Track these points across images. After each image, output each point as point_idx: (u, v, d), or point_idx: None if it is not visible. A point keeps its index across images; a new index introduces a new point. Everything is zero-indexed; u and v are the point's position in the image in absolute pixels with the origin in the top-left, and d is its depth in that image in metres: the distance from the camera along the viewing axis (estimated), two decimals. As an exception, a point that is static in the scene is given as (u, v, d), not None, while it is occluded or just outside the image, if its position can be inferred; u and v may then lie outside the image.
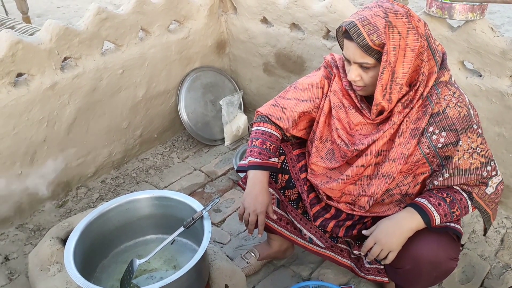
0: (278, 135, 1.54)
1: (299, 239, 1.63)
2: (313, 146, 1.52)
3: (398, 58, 1.22)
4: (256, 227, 1.47)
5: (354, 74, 1.30)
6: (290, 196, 1.58)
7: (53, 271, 1.56)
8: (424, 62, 1.26)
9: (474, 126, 1.30)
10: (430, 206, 1.32)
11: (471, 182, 1.33)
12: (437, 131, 1.30)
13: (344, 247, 1.59)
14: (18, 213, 2.14)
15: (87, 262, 1.45)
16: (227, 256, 1.85)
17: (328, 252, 1.61)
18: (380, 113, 1.36)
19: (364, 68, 1.28)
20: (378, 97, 1.28)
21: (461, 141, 1.29)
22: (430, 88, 1.29)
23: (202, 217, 1.45)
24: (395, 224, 1.33)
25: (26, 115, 2.00)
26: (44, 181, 2.19)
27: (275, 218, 1.45)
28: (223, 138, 2.73)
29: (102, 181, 2.43)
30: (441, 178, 1.34)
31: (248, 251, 1.86)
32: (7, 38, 1.84)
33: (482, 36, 1.84)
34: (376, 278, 1.55)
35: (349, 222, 1.52)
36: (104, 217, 1.52)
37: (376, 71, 1.27)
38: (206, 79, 2.72)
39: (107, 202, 1.56)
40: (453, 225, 1.36)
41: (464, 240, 1.98)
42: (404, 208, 1.39)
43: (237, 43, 2.75)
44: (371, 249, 1.35)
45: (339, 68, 1.44)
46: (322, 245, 1.58)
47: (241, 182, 1.70)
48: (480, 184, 1.34)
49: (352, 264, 1.59)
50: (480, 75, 1.94)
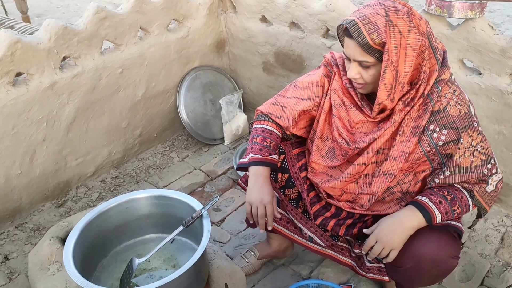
0: (279, 133, 1.54)
1: (300, 238, 1.63)
2: (313, 144, 1.51)
3: (400, 57, 1.22)
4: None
5: (354, 72, 1.30)
6: (290, 195, 1.57)
7: (52, 271, 1.56)
8: (425, 61, 1.26)
9: (475, 124, 1.30)
10: (431, 204, 1.32)
11: (472, 180, 1.33)
12: (437, 129, 1.30)
13: (344, 246, 1.59)
14: (18, 212, 2.14)
15: (87, 262, 1.45)
16: (227, 255, 1.85)
17: (328, 250, 1.60)
18: (381, 111, 1.35)
19: (364, 66, 1.28)
20: (382, 96, 1.27)
21: (462, 139, 1.29)
22: (431, 86, 1.29)
23: (202, 216, 1.45)
24: (397, 222, 1.33)
25: (25, 115, 1.99)
26: (44, 180, 2.19)
27: (279, 217, 1.45)
28: (223, 137, 2.73)
29: (102, 180, 2.43)
30: (442, 176, 1.34)
31: (248, 250, 1.86)
32: (6, 37, 1.84)
33: (482, 34, 1.83)
34: (376, 276, 1.55)
35: (349, 221, 1.51)
36: (103, 216, 1.52)
37: (376, 70, 1.27)
38: (205, 79, 2.71)
39: (107, 201, 1.55)
40: (454, 223, 1.36)
41: (464, 238, 1.98)
42: (405, 206, 1.38)
43: (236, 42, 2.74)
44: (373, 247, 1.35)
45: (339, 66, 1.44)
46: (323, 244, 1.58)
47: (240, 182, 1.70)
48: (480, 182, 1.34)
49: (352, 262, 1.59)
50: (479, 73, 1.94)
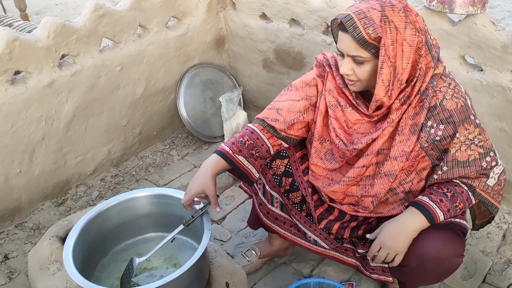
0: (261, 134, 1.47)
1: (303, 241, 1.62)
2: (312, 147, 1.49)
3: (397, 53, 1.21)
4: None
5: (346, 67, 1.28)
6: (294, 199, 1.55)
7: (52, 270, 1.55)
8: (421, 58, 1.24)
9: (472, 117, 1.29)
10: (432, 203, 1.31)
11: (471, 174, 1.32)
12: (435, 125, 1.29)
13: (348, 247, 1.58)
14: (18, 211, 2.14)
15: (87, 261, 1.44)
16: (228, 253, 1.84)
17: (332, 252, 1.59)
18: (377, 108, 1.34)
19: (357, 62, 1.26)
20: (380, 93, 1.26)
21: (458, 133, 1.28)
22: (427, 83, 1.28)
23: (202, 214, 1.44)
24: (399, 226, 1.32)
25: (24, 113, 1.98)
26: (43, 179, 2.18)
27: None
28: (223, 135, 2.71)
29: (102, 179, 2.42)
30: (440, 172, 1.33)
31: (249, 249, 1.85)
32: (4, 35, 1.82)
33: (483, 30, 1.82)
34: (380, 277, 1.54)
35: (353, 223, 1.50)
36: (103, 215, 1.51)
37: (370, 66, 1.25)
38: (205, 76, 2.70)
39: (107, 200, 1.55)
40: (458, 220, 1.35)
41: (466, 235, 1.97)
42: (407, 207, 1.37)
43: (236, 39, 2.73)
44: (377, 253, 1.34)
45: (332, 66, 1.42)
46: (327, 246, 1.57)
47: (242, 185, 1.69)
48: (480, 176, 1.33)
49: (357, 263, 1.58)
50: (481, 70, 1.93)
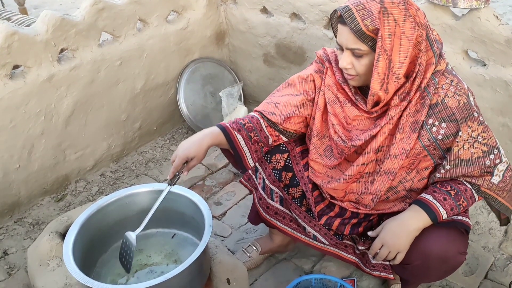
0: (260, 120, 1.48)
1: (303, 236, 1.61)
2: (311, 143, 1.48)
3: (394, 46, 1.19)
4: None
5: (345, 61, 1.26)
6: (294, 194, 1.54)
7: (52, 266, 1.54)
8: (421, 53, 1.22)
9: (475, 114, 1.27)
10: (435, 202, 1.29)
11: (475, 173, 1.30)
12: (436, 123, 1.27)
13: (348, 243, 1.57)
14: (17, 207, 2.12)
15: (87, 257, 1.43)
16: (228, 249, 1.83)
17: (332, 248, 1.58)
18: (375, 104, 1.32)
19: (356, 55, 1.24)
20: (375, 86, 1.24)
21: (460, 131, 1.26)
22: (427, 79, 1.26)
23: (201, 211, 1.43)
24: (401, 224, 1.31)
25: (23, 108, 1.97)
26: (43, 174, 2.16)
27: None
28: (223, 130, 2.70)
29: (101, 174, 2.41)
30: (442, 170, 1.32)
31: (249, 245, 1.84)
32: (3, 29, 1.81)
33: (487, 24, 1.80)
34: (381, 274, 1.53)
35: (354, 220, 1.49)
36: (103, 211, 1.50)
37: (368, 59, 1.24)
38: (205, 71, 2.68)
39: (107, 196, 1.53)
40: (461, 218, 1.34)
41: (469, 233, 1.96)
42: (409, 205, 1.36)
43: (236, 34, 2.71)
44: (379, 250, 1.33)
45: (332, 62, 1.41)
46: (327, 242, 1.56)
47: (243, 180, 1.68)
48: (485, 174, 1.31)
49: (357, 259, 1.57)
50: (484, 65, 1.91)
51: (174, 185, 1.42)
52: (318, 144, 1.47)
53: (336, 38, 1.30)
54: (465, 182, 1.32)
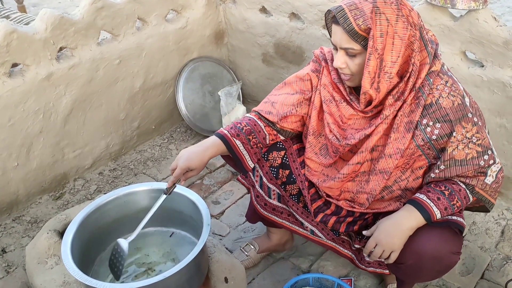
0: (258, 122, 1.49)
1: (301, 230, 1.62)
2: (307, 141, 1.49)
3: (386, 45, 1.20)
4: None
5: (339, 61, 1.28)
6: (291, 191, 1.55)
7: (50, 264, 1.55)
8: (414, 53, 1.23)
9: (469, 115, 1.28)
10: (429, 201, 1.30)
11: (469, 173, 1.31)
12: (431, 123, 1.28)
13: (345, 239, 1.58)
14: (15, 205, 2.13)
15: (85, 255, 1.43)
16: (226, 248, 1.84)
17: (330, 242, 1.59)
18: (369, 103, 1.33)
19: (350, 55, 1.26)
20: (366, 85, 1.25)
21: (455, 132, 1.27)
22: (422, 79, 1.27)
23: (200, 210, 1.43)
24: (395, 223, 1.32)
25: (21, 106, 1.97)
26: (41, 172, 2.17)
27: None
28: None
29: (100, 173, 2.41)
30: (437, 171, 1.32)
31: (247, 244, 1.85)
32: (2, 27, 1.81)
33: (485, 25, 1.81)
34: (376, 270, 1.54)
35: (350, 219, 1.50)
36: (101, 209, 1.50)
37: (362, 59, 1.25)
38: (204, 70, 2.68)
39: (105, 194, 1.54)
40: (455, 218, 1.35)
41: (464, 232, 1.97)
42: (404, 204, 1.37)
43: (235, 33, 2.71)
44: (373, 249, 1.34)
45: (328, 61, 1.42)
46: (324, 237, 1.57)
47: (240, 178, 1.69)
48: (478, 174, 1.32)
49: (352, 255, 1.58)
50: (482, 66, 1.92)
51: (170, 194, 1.43)
52: (314, 142, 1.48)
53: (331, 39, 1.31)
54: (459, 182, 1.33)
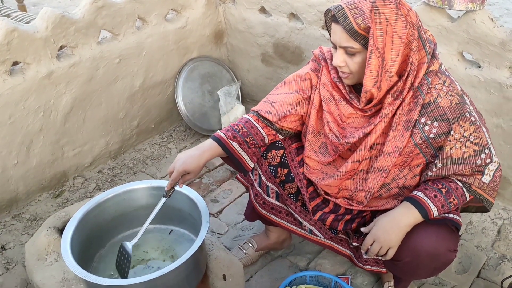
0: (255, 124, 1.50)
1: (299, 229, 1.63)
2: (306, 140, 1.51)
3: (386, 44, 1.22)
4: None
5: (339, 59, 1.29)
6: (289, 189, 1.56)
7: (50, 261, 1.56)
8: (412, 52, 1.25)
9: (467, 114, 1.29)
10: (426, 199, 1.32)
11: (466, 171, 1.32)
12: (429, 122, 1.30)
13: (343, 237, 1.59)
14: (15, 202, 2.14)
15: (85, 252, 1.45)
16: (225, 246, 1.85)
17: (327, 241, 1.61)
18: (369, 102, 1.35)
19: (349, 53, 1.27)
20: (368, 83, 1.27)
21: (452, 130, 1.28)
22: (420, 78, 1.28)
23: (198, 208, 1.45)
24: (393, 220, 1.33)
25: (22, 104, 1.98)
26: (41, 170, 2.18)
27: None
28: (221, 129, 2.72)
29: (99, 171, 2.42)
30: (434, 169, 1.34)
31: (245, 242, 1.86)
32: (3, 26, 1.82)
33: (482, 26, 1.83)
34: (374, 268, 1.56)
35: (348, 216, 1.51)
36: (101, 207, 1.52)
37: (361, 57, 1.26)
38: (203, 69, 2.70)
39: (105, 192, 1.55)
40: (452, 216, 1.36)
41: (461, 231, 1.99)
42: (401, 202, 1.38)
43: (235, 33, 2.73)
44: (371, 246, 1.36)
45: (327, 60, 1.43)
46: (322, 236, 1.58)
47: (239, 176, 1.70)
48: (475, 173, 1.33)
49: (350, 253, 1.59)
50: (479, 66, 1.94)
51: (169, 197, 1.45)
52: (313, 141, 1.49)
53: (330, 37, 1.32)
54: (456, 181, 1.35)
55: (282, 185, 1.57)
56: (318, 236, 1.59)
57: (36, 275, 1.52)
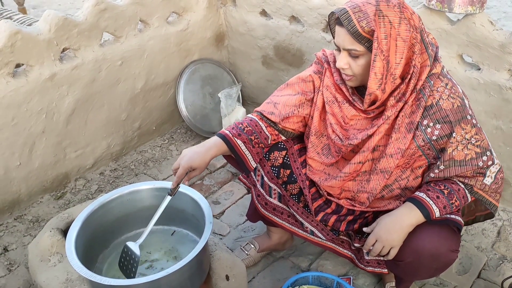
0: (259, 122, 1.51)
1: (300, 231, 1.64)
2: (309, 141, 1.52)
3: (390, 47, 1.23)
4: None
5: (342, 62, 1.30)
6: (291, 190, 1.58)
7: (53, 262, 1.56)
8: (415, 55, 1.26)
9: (468, 117, 1.31)
10: (428, 199, 1.33)
11: (468, 173, 1.34)
12: (431, 124, 1.31)
13: (345, 239, 1.60)
14: (17, 204, 2.14)
15: (88, 253, 1.45)
16: (227, 247, 1.86)
17: (329, 243, 1.61)
18: (372, 103, 1.36)
19: (353, 56, 1.29)
20: (372, 86, 1.28)
21: (454, 132, 1.30)
22: (423, 81, 1.30)
23: (202, 209, 1.46)
24: (395, 220, 1.34)
25: (25, 106, 1.99)
26: (43, 171, 2.18)
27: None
28: (222, 131, 2.73)
29: (101, 173, 2.43)
30: (436, 170, 1.35)
31: (247, 243, 1.87)
32: (6, 28, 1.83)
33: (482, 29, 1.84)
34: (375, 269, 1.56)
35: (350, 217, 1.52)
36: (105, 207, 1.53)
37: (365, 60, 1.28)
38: (205, 72, 2.71)
39: (109, 192, 1.56)
40: (453, 216, 1.37)
41: (461, 231, 2.00)
42: (403, 202, 1.39)
43: (236, 36, 2.74)
44: (373, 246, 1.37)
45: (330, 63, 1.45)
46: (324, 237, 1.59)
47: (241, 177, 1.71)
48: (477, 175, 1.35)
49: (352, 255, 1.60)
50: (478, 69, 1.95)
51: (174, 195, 1.45)
52: (316, 142, 1.50)
53: (334, 39, 1.34)
54: (458, 182, 1.36)
55: (284, 186, 1.58)
56: (320, 237, 1.60)
57: (39, 276, 1.52)
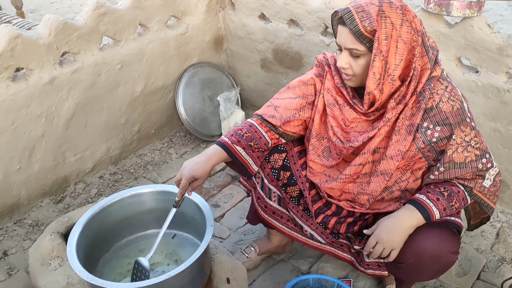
0: (259, 128, 1.51)
1: (300, 236, 1.64)
2: (309, 144, 1.52)
3: (390, 48, 1.24)
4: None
5: (343, 61, 1.31)
6: (291, 193, 1.58)
7: (54, 266, 1.56)
8: (416, 57, 1.27)
9: (468, 120, 1.32)
10: (428, 201, 1.34)
11: (467, 176, 1.35)
12: (431, 126, 1.32)
13: (344, 242, 1.61)
14: (16, 208, 2.14)
15: (89, 256, 1.46)
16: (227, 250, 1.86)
17: (328, 247, 1.62)
18: (371, 106, 1.37)
19: (354, 55, 1.30)
20: (370, 85, 1.29)
21: (454, 135, 1.31)
22: (423, 84, 1.31)
23: (202, 212, 1.46)
24: (395, 222, 1.35)
25: (25, 110, 1.99)
26: (43, 175, 2.18)
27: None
28: (221, 134, 2.73)
29: (100, 176, 2.43)
30: (436, 172, 1.36)
31: (248, 246, 1.87)
32: (6, 32, 1.83)
33: (479, 32, 1.86)
34: (375, 272, 1.56)
35: (350, 219, 1.53)
36: (106, 211, 1.53)
37: (365, 60, 1.29)
38: (204, 75, 2.72)
39: (109, 196, 1.56)
40: (453, 218, 1.38)
41: (461, 233, 2.01)
42: (403, 204, 1.40)
43: (234, 39, 2.75)
44: (373, 248, 1.37)
45: (331, 66, 1.46)
46: (323, 241, 1.59)
47: (242, 179, 1.72)
48: (477, 177, 1.36)
49: (352, 258, 1.60)
50: (476, 71, 1.97)
51: (179, 207, 1.46)
52: (317, 145, 1.51)
53: (336, 39, 1.35)
54: (458, 184, 1.37)
55: (284, 188, 1.58)
56: (319, 241, 1.60)
57: (40, 280, 1.52)
